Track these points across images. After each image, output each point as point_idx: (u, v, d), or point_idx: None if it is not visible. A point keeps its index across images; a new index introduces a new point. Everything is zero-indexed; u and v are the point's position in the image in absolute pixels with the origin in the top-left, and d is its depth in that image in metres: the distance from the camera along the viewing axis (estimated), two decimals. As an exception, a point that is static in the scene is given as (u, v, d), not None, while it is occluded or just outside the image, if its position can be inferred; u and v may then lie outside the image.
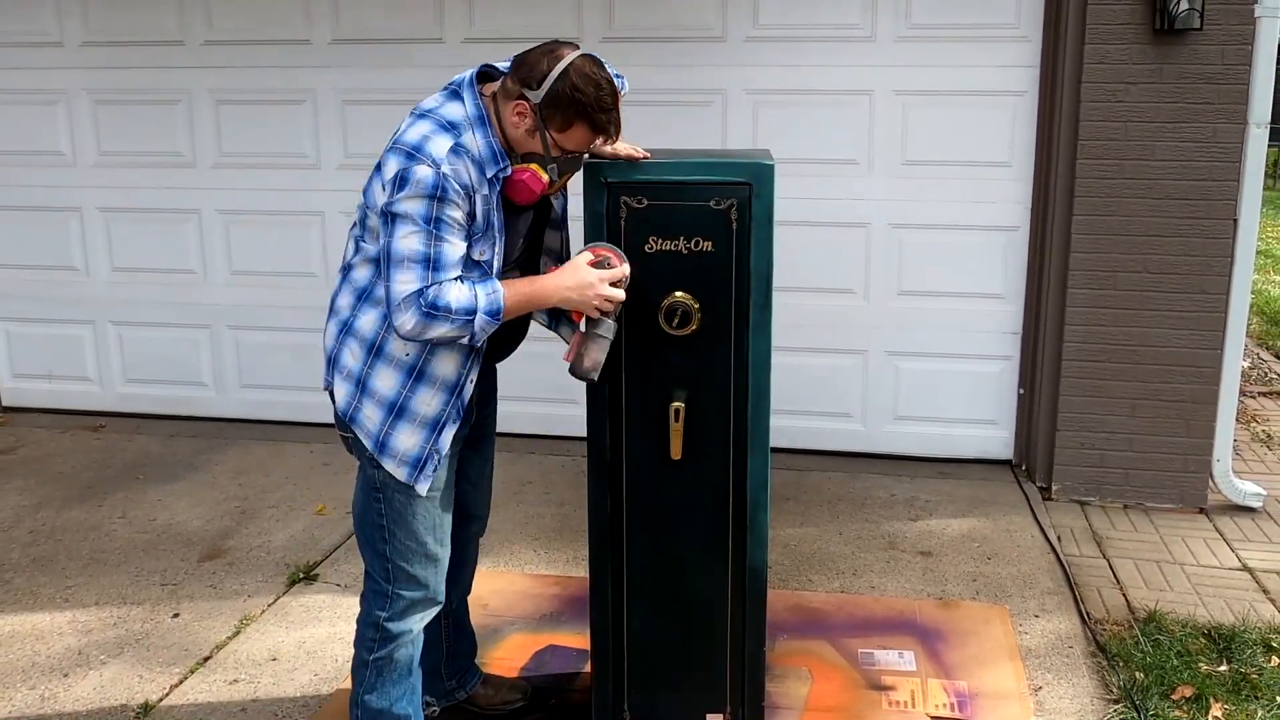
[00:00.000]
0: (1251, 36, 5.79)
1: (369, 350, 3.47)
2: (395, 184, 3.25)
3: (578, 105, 3.31)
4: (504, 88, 3.41)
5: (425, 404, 3.49)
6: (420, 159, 3.26)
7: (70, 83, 7.41)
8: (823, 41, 6.55)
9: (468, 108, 3.41)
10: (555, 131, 3.36)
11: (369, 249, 3.45)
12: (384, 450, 3.49)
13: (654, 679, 3.91)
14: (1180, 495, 6.25)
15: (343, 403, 3.54)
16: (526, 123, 3.36)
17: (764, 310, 3.56)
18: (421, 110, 3.43)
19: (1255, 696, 4.39)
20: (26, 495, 6.45)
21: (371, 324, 3.46)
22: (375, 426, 3.48)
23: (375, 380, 3.47)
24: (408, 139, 3.32)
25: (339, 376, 3.54)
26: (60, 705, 4.38)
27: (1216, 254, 5.99)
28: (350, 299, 3.52)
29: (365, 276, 3.48)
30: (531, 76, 3.32)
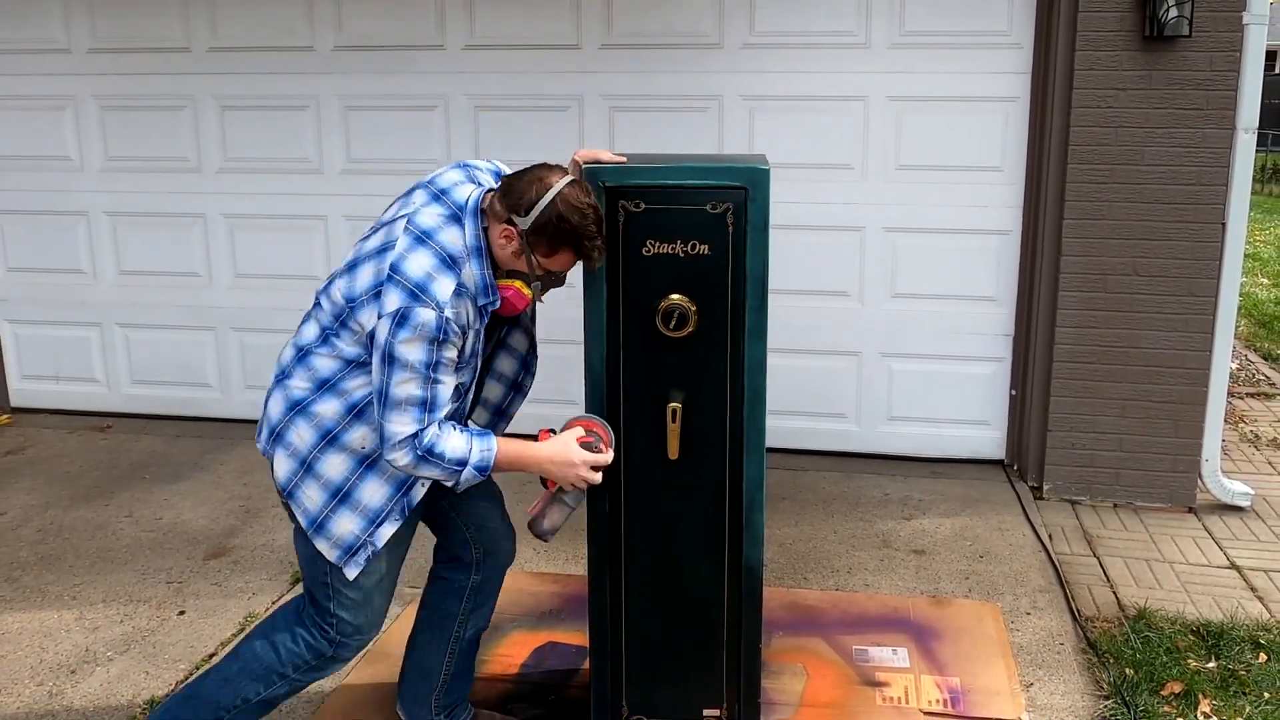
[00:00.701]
0: (1239, 43, 5.80)
1: (322, 436, 3.44)
2: (395, 321, 3.22)
3: (565, 234, 3.33)
4: (492, 208, 3.41)
5: (371, 494, 3.48)
6: (424, 301, 3.23)
7: (77, 89, 7.42)
8: (818, 48, 6.55)
9: (467, 237, 3.38)
10: (541, 256, 3.38)
11: (343, 348, 3.41)
12: (319, 531, 3.47)
13: (652, 675, 3.91)
14: (1169, 495, 6.26)
15: (283, 476, 3.48)
16: (513, 245, 3.37)
17: (759, 313, 3.57)
18: (422, 232, 3.36)
19: (1243, 692, 4.40)
20: (34, 494, 6.45)
21: (332, 413, 3.43)
22: (315, 508, 3.46)
23: (323, 465, 3.45)
24: (410, 274, 3.26)
25: (281, 450, 3.48)
26: (68, 701, 4.38)
27: (1205, 257, 6.00)
28: (308, 382, 3.46)
29: (330, 368, 3.43)
30: (520, 203, 3.32)
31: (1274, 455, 7.17)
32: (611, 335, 3.65)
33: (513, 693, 4.38)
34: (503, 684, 4.41)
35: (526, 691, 4.40)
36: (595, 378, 3.68)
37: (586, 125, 6.85)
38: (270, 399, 3.54)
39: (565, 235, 3.32)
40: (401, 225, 3.38)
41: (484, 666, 4.52)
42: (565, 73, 6.82)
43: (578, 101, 6.85)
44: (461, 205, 3.42)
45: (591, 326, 3.64)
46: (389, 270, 3.28)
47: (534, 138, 6.89)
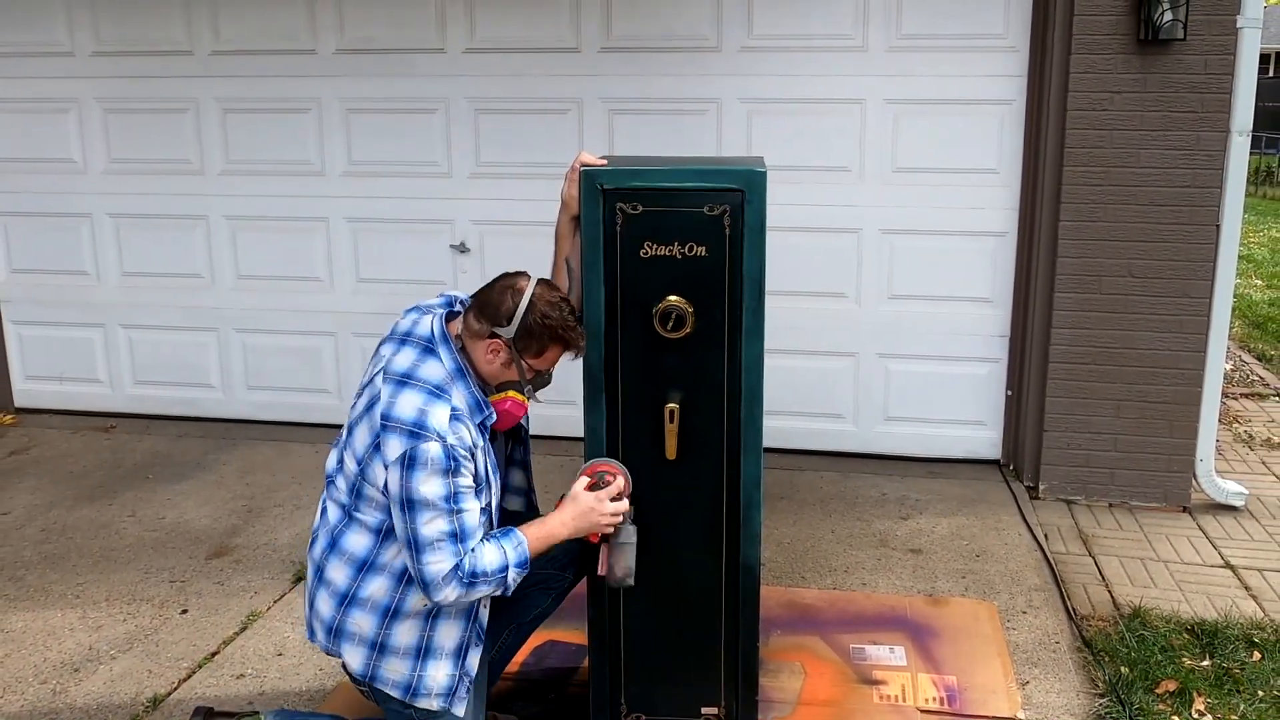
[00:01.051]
0: (1233, 46, 5.80)
1: (384, 614, 3.43)
2: (404, 465, 3.23)
3: (551, 331, 3.42)
4: (469, 328, 3.46)
5: (447, 636, 3.49)
6: (425, 435, 3.24)
7: (81, 91, 7.42)
8: (816, 51, 6.56)
9: (446, 364, 3.41)
10: (531, 359, 3.45)
11: (367, 519, 3.40)
12: (417, 694, 3.47)
13: (650, 673, 3.92)
14: (1164, 494, 6.26)
15: (359, 667, 3.46)
16: (502, 357, 3.43)
17: (756, 314, 3.57)
18: (401, 375, 3.38)
19: (1237, 690, 4.40)
20: (39, 494, 6.45)
21: (384, 591, 3.42)
22: (404, 676, 3.46)
23: (395, 639, 3.44)
24: (404, 416, 3.28)
25: (347, 643, 3.46)
26: (71, 699, 4.38)
27: (1199, 259, 6.00)
28: (347, 571, 3.44)
29: (364, 546, 3.42)
30: (499, 315, 3.40)
31: (1268, 455, 7.17)
32: (610, 336, 3.65)
33: (514, 690, 4.38)
34: (504, 682, 4.40)
35: (527, 689, 4.40)
36: (594, 379, 3.69)
37: (586, 128, 6.85)
38: (316, 598, 3.51)
39: (551, 333, 3.42)
40: (380, 378, 3.40)
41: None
42: (565, 76, 6.82)
43: (577, 104, 6.85)
44: (429, 337, 3.46)
45: (590, 328, 3.64)
46: (381, 420, 3.30)
47: (534, 140, 6.89)
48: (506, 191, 6.97)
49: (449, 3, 6.87)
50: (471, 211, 7.05)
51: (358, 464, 3.37)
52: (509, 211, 6.91)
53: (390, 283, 7.24)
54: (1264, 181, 26.59)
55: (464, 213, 7.07)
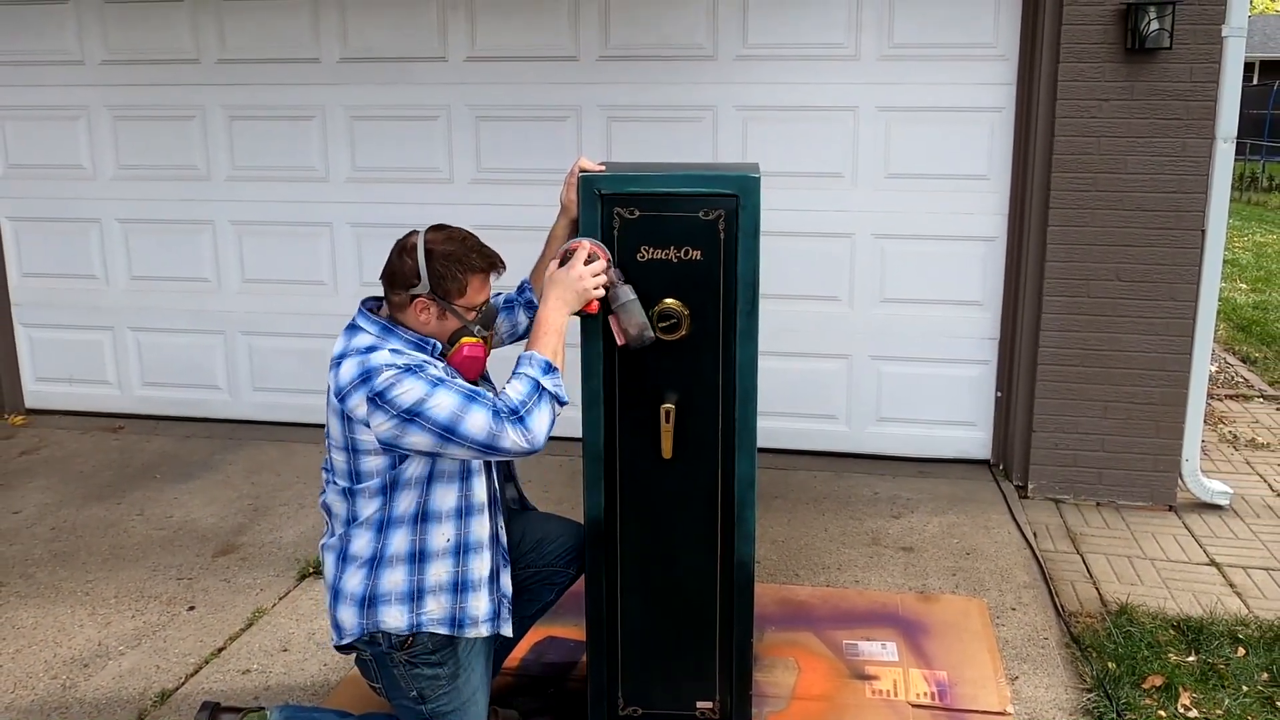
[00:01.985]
0: (1219, 55, 5.81)
1: (411, 561, 3.42)
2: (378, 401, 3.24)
3: (459, 264, 3.41)
4: (392, 304, 3.47)
5: (479, 568, 3.50)
6: (376, 372, 3.26)
7: (91, 99, 7.42)
8: (809, 60, 6.56)
9: (370, 329, 3.43)
10: (458, 299, 3.42)
11: (370, 485, 3.38)
12: (463, 626, 3.47)
13: (646, 668, 3.92)
14: (1150, 493, 6.26)
15: (404, 623, 3.43)
16: (433, 312, 3.42)
17: (750, 317, 3.57)
18: (338, 357, 3.40)
19: (1222, 686, 4.41)
20: (49, 493, 6.45)
21: (405, 541, 3.42)
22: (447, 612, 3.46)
23: (430, 579, 3.43)
24: (349, 376, 3.31)
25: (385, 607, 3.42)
26: (81, 694, 4.38)
27: (1185, 263, 6.01)
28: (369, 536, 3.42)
29: (375, 508, 3.40)
30: (408, 277, 3.39)
31: (1252, 455, 7.17)
32: (608, 337, 3.65)
33: (514, 686, 4.38)
34: (505, 678, 4.41)
35: (527, 685, 4.40)
36: (591, 379, 3.69)
37: (585, 135, 6.85)
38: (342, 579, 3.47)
39: (460, 265, 3.41)
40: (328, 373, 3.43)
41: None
42: (564, 83, 6.83)
43: (576, 111, 6.85)
44: (351, 323, 3.49)
45: (587, 329, 3.65)
46: (336, 398, 3.34)
47: (533, 146, 6.90)
48: (507, 197, 6.97)
49: (450, 12, 6.87)
50: (473, 216, 7.00)
51: (345, 450, 3.37)
52: (509, 216, 6.91)
53: (393, 286, 7.23)
54: (1248, 187, 26.59)
55: (465, 218, 6.97)
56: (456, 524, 3.45)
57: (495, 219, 6.95)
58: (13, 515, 6.15)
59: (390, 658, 3.49)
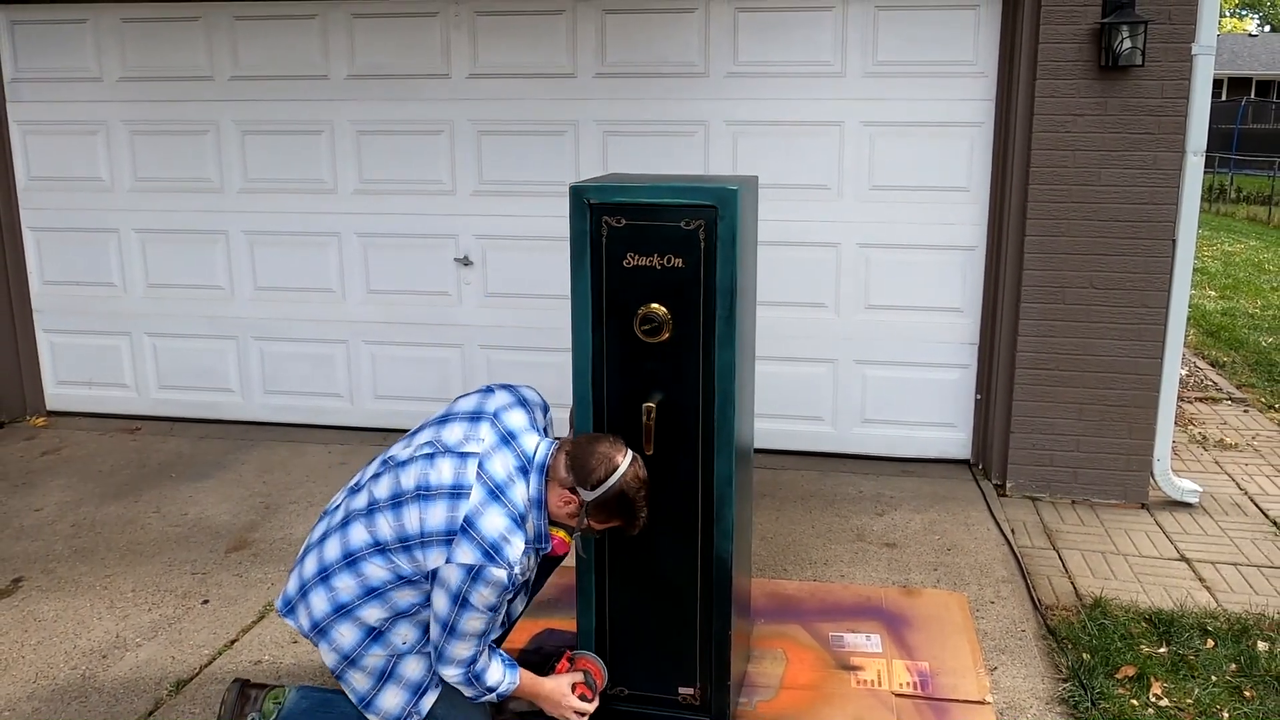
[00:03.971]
0: (1189, 72, 5.82)
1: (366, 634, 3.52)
2: (470, 575, 3.28)
3: (623, 508, 3.46)
4: (555, 473, 3.47)
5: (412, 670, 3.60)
6: (498, 563, 3.28)
7: (108, 114, 7.42)
8: (797, 77, 6.57)
9: (532, 492, 3.45)
10: (594, 522, 3.48)
11: (401, 567, 3.42)
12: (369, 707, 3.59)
13: (632, 651, 3.96)
14: (1123, 492, 6.27)
15: (331, 665, 3.57)
16: (571, 509, 3.47)
17: (729, 323, 3.59)
18: (495, 486, 3.40)
19: (1192, 676, 4.41)
20: (69, 492, 6.44)
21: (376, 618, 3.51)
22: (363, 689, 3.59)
23: (366, 659, 3.55)
24: (486, 533, 3.30)
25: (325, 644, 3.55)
26: (99, 683, 4.38)
27: (1157, 271, 6.01)
28: (356, 587, 3.49)
29: (382, 579, 3.45)
30: (588, 478, 3.42)
31: (1221, 455, 7.18)
32: (595, 340, 3.71)
33: (513, 676, 4.38)
34: (504, 668, 4.41)
35: (526, 675, 4.40)
36: (581, 378, 3.74)
37: (581, 148, 6.85)
38: (312, 593, 3.54)
39: (623, 510, 3.47)
40: (474, 470, 3.41)
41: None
42: (562, 99, 6.83)
43: (574, 126, 6.85)
44: (530, 458, 3.50)
45: (577, 332, 3.70)
46: (464, 522, 3.32)
47: (533, 159, 6.90)
48: (507, 208, 6.97)
49: (453, 31, 6.87)
50: (474, 227, 7.05)
51: (420, 533, 3.37)
52: (509, 227, 6.92)
53: (398, 294, 7.25)
54: (1217, 199, 26.67)
55: (467, 228, 7.07)
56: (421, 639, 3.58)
57: (496, 229, 6.97)
58: (35, 512, 6.14)
59: None
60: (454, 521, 3.32)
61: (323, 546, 3.57)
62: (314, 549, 3.60)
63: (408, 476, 3.45)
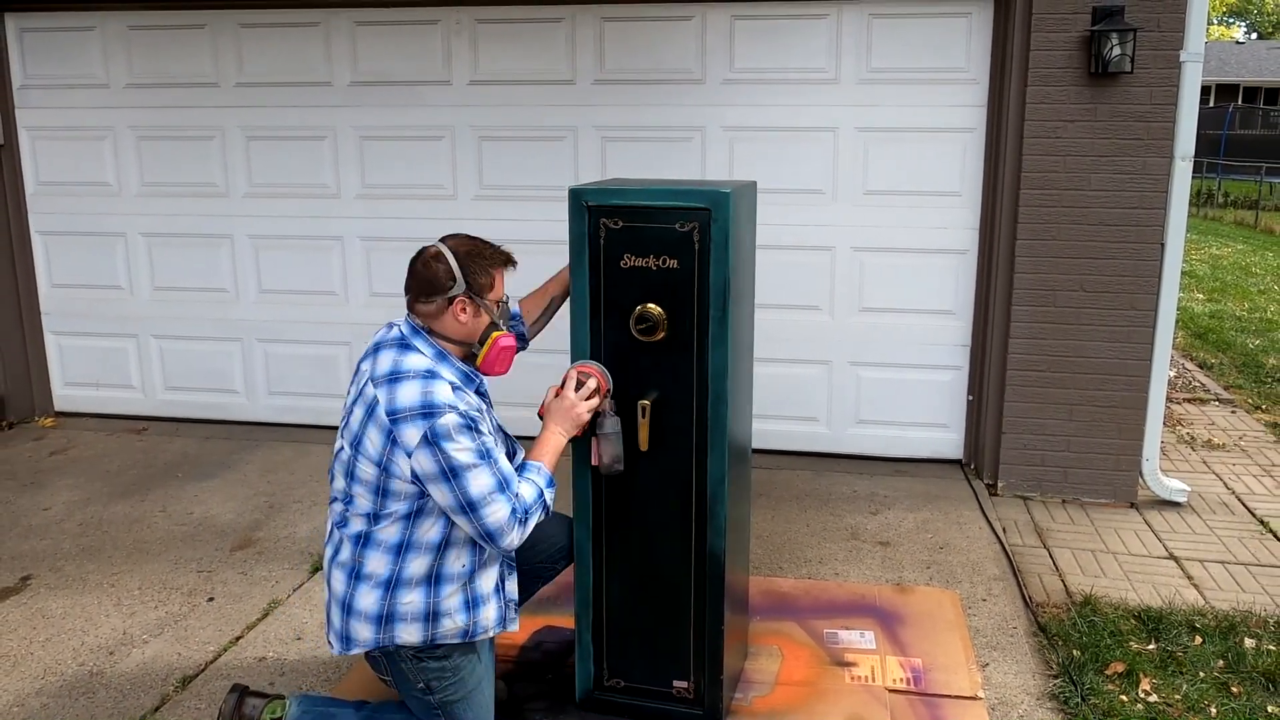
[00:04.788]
0: (1177, 79, 5.83)
1: (428, 583, 3.43)
2: (430, 444, 3.25)
3: (489, 261, 3.58)
4: (427, 314, 3.52)
5: (487, 583, 3.55)
6: (438, 411, 3.27)
7: (116, 120, 7.42)
8: (792, 83, 6.57)
9: (426, 351, 3.47)
10: (489, 293, 3.54)
11: (396, 509, 3.37)
12: (475, 635, 3.51)
13: (629, 645, 3.97)
14: (1113, 491, 6.27)
15: (419, 638, 3.44)
16: (469, 310, 3.50)
17: (722, 324, 3.60)
18: (389, 374, 3.39)
19: (1180, 672, 4.41)
20: (77, 491, 6.44)
21: (424, 565, 3.43)
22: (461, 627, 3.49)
23: (445, 602, 3.45)
24: (409, 404, 3.30)
25: (402, 625, 3.42)
26: (107, 679, 4.38)
27: (1145, 274, 6.02)
28: (388, 559, 3.42)
29: (398, 533, 3.40)
30: (442, 281, 3.49)
31: (1209, 455, 7.18)
32: (594, 339, 3.73)
33: (514, 672, 4.38)
34: (504, 664, 4.41)
35: (527, 671, 4.40)
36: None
37: (580, 153, 6.85)
38: (355, 597, 3.45)
39: (490, 262, 3.57)
40: (369, 386, 3.41)
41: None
42: (561, 106, 6.83)
43: (573, 132, 6.85)
44: (400, 336, 3.52)
45: (576, 331, 3.73)
46: (388, 418, 3.31)
47: (532, 165, 6.90)
48: (507, 212, 6.97)
49: (454, 39, 6.88)
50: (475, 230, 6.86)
51: (378, 466, 3.33)
52: (509, 231, 6.90)
53: (400, 296, 7.19)
54: (1205, 203, 26.70)
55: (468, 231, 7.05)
56: (473, 551, 3.49)
57: (496, 233, 6.88)
58: (43, 511, 6.14)
59: (399, 653, 3.50)
60: (384, 427, 3.31)
61: (336, 556, 3.52)
62: (331, 565, 3.54)
63: (342, 450, 3.47)
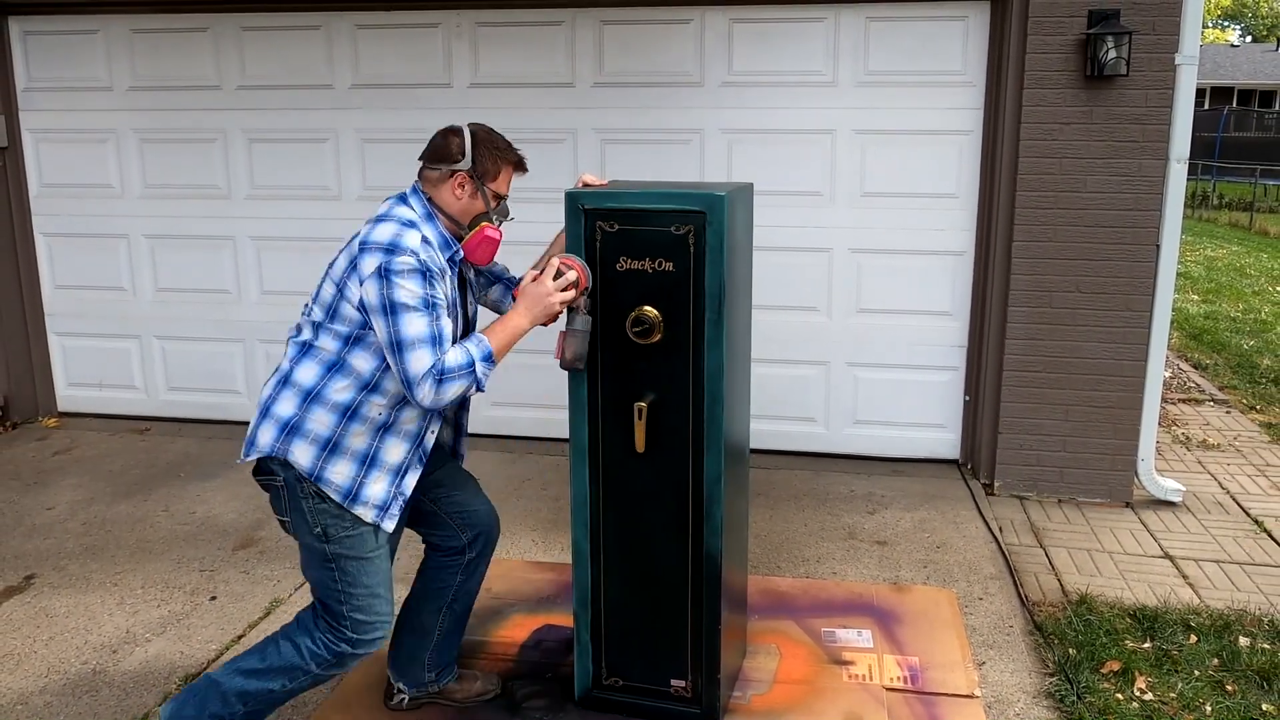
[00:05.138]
0: (1172, 82, 5.83)
1: (343, 414, 3.44)
2: (381, 276, 3.31)
3: (500, 153, 3.64)
4: (430, 180, 3.59)
5: (393, 453, 3.53)
6: (399, 251, 3.33)
7: (119, 123, 7.42)
8: (790, 86, 6.57)
9: (416, 208, 3.53)
10: (490, 183, 3.61)
11: (338, 328, 3.43)
12: (355, 499, 3.47)
13: (627, 644, 3.97)
14: (1109, 491, 6.27)
15: (308, 463, 3.43)
16: (467, 190, 3.57)
17: (717, 326, 3.59)
18: (377, 217, 3.48)
19: (1175, 670, 4.41)
20: (80, 491, 6.44)
21: (347, 391, 3.45)
22: (347, 480, 3.46)
23: (347, 439, 3.45)
24: (379, 239, 3.36)
25: (300, 440, 3.43)
26: (110, 677, 4.38)
27: (1141, 276, 6.02)
28: (317, 370, 3.46)
29: (334, 349, 3.45)
30: (452, 155, 3.58)
31: (1203, 455, 7.19)
32: (591, 340, 3.71)
33: (513, 671, 4.38)
34: (504, 663, 4.41)
35: (525, 670, 4.40)
36: (577, 378, 3.76)
37: (580, 156, 6.85)
38: (276, 402, 3.48)
39: (501, 154, 3.64)
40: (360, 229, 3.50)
41: (487, 647, 4.54)
42: (561, 108, 6.83)
43: (572, 134, 6.85)
44: (401, 194, 3.61)
45: None
46: (359, 246, 3.40)
47: (532, 166, 6.81)
48: (508, 214, 6.97)
49: (455, 42, 6.88)
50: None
51: (336, 286, 3.44)
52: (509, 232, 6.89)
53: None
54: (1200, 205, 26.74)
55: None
56: (393, 405, 3.49)
57: (497, 235, 6.95)
58: (47, 511, 6.14)
59: (301, 488, 3.47)
60: (352, 252, 3.40)
61: (273, 374, 3.58)
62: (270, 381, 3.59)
63: None
